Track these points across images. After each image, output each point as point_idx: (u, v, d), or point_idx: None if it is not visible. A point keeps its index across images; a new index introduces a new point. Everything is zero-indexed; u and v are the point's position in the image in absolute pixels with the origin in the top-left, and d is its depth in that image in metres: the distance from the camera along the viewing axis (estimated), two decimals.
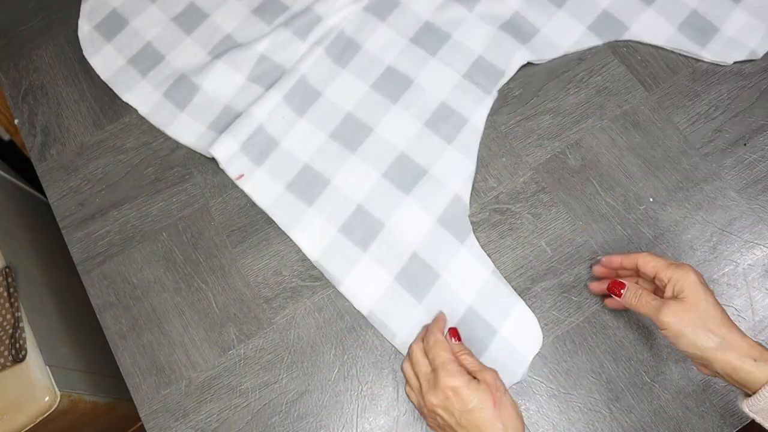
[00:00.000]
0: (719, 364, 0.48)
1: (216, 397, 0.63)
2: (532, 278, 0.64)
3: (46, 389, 0.73)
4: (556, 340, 0.62)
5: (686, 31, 0.73)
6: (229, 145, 0.70)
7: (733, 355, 0.48)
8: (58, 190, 0.73)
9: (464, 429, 0.49)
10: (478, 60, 0.73)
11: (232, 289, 0.67)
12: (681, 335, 0.49)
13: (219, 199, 0.71)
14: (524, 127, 0.71)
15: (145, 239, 0.70)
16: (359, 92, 0.73)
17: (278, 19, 0.78)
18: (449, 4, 0.76)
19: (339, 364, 0.63)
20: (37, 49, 0.81)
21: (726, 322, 0.49)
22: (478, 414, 0.48)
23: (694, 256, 0.64)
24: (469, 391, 0.49)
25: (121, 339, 0.66)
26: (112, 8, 0.81)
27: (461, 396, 0.49)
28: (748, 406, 0.48)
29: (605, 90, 0.72)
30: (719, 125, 0.69)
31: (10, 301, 0.76)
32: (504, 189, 0.68)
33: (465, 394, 0.49)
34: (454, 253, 0.65)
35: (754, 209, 0.65)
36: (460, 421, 0.49)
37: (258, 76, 0.75)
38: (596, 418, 0.59)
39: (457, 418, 0.49)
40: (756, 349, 0.48)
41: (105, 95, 0.78)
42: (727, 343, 0.48)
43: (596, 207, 0.66)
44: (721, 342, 0.48)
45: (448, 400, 0.50)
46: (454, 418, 0.50)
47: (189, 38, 0.79)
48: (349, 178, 0.69)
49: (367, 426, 0.61)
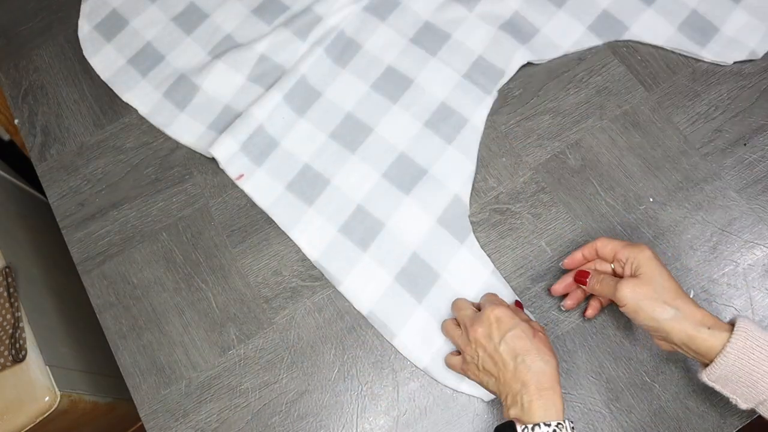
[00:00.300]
0: (676, 335, 0.49)
1: (216, 397, 0.63)
2: (532, 278, 0.64)
3: (46, 389, 0.73)
4: (556, 340, 0.62)
5: (686, 31, 0.73)
6: (229, 145, 0.70)
7: (689, 325, 0.49)
8: (58, 190, 0.73)
9: (499, 355, 0.52)
10: (478, 60, 0.73)
11: (232, 289, 0.67)
12: (639, 309, 0.51)
13: (219, 199, 0.71)
14: (524, 127, 0.71)
15: (145, 239, 0.70)
16: (359, 92, 0.73)
17: (278, 19, 0.78)
18: (449, 4, 0.76)
19: (339, 364, 0.63)
20: (37, 49, 0.81)
21: (681, 294, 0.51)
22: (516, 339, 0.52)
23: (694, 256, 0.64)
24: (511, 321, 0.54)
25: (121, 339, 0.66)
26: (112, 8, 0.81)
27: (504, 322, 0.54)
28: (707, 375, 0.49)
29: (605, 90, 0.72)
30: (719, 125, 0.69)
31: (10, 301, 0.76)
32: (504, 189, 0.68)
33: (507, 321, 0.54)
34: (454, 253, 0.65)
35: (754, 209, 0.65)
36: (499, 346, 0.53)
37: (258, 76, 0.75)
38: (596, 418, 0.59)
39: (495, 342, 0.53)
40: (710, 318, 0.49)
41: (105, 95, 0.78)
42: (681, 314, 0.49)
43: (596, 207, 0.66)
44: (676, 313, 0.50)
45: (491, 327, 0.54)
46: (493, 343, 0.53)
47: (189, 38, 0.79)
48: (349, 178, 0.69)
49: (367, 426, 0.61)
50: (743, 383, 0.47)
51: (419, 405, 0.61)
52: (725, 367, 0.48)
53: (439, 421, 0.60)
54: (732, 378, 0.48)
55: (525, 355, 0.51)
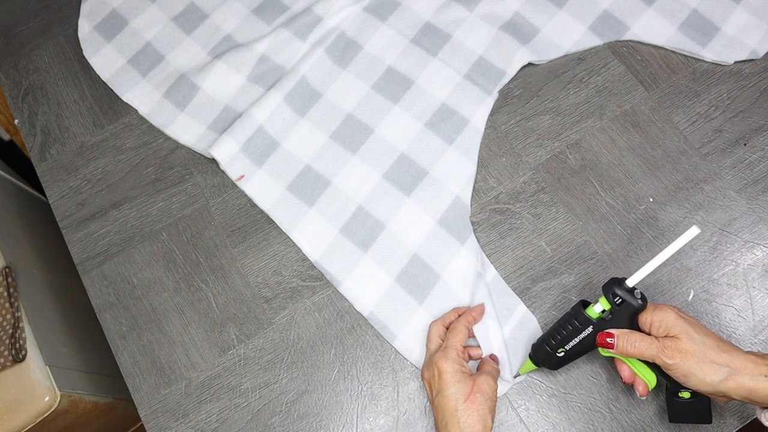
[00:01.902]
0: (734, 392, 0.47)
1: (216, 397, 0.63)
2: (532, 278, 0.64)
3: (46, 389, 0.73)
4: None
5: (687, 31, 0.73)
6: (229, 145, 0.70)
7: (745, 379, 0.47)
8: (58, 190, 0.73)
9: (434, 407, 0.54)
10: (479, 60, 0.73)
11: (232, 289, 0.67)
12: (689, 374, 0.48)
13: (219, 199, 0.71)
14: (524, 127, 0.71)
15: (145, 239, 0.70)
16: (360, 93, 0.73)
17: (278, 19, 0.78)
18: (450, 5, 0.76)
19: (339, 364, 0.63)
20: (37, 49, 0.81)
21: (723, 346, 0.48)
22: (446, 401, 0.53)
23: (694, 256, 0.64)
24: (451, 378, 0.54)
25: (121, 339, 0.66)
26: (112, 8, 0.81)
27: (443, 379, 0.54)
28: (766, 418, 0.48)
29: (605, 90, 0.71)
30: (719, 125, 0.69)
31: (10, 301, 0.76)
32: (504, 189, 0.68)
33: (446, 379, 0.54)
34: (455, 254, 0.65)
35: (754, 209, 0.65)
36: (434, 399, 0.54)
37: (258, 77, 0.75)
38: (596, 418, 0.59)
39: (433, 395, 0.55)
40: (762, 364, 0.47)
41: (105, 95, 0.78)
42: (733, 370, 0.47)
43: (596, 207, 0.66)
44: (728, 371, 0.47)
45: (433, 377, 0.55)
46: (433, 391, 0.55)
47: (189, 38, 0.79)
48: (349, 179, 0.69)
49: (367, 426, 0.61)
50: None
51: (419, 405, 0.61)
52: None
53: None
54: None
55: (449, 418, 0.52)
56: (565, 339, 0.54)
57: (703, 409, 0.52)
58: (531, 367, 0.58)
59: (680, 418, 0.54)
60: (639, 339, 0.51)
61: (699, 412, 0.53)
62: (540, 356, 0.56)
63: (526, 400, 0.60)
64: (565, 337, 0.54)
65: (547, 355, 0.56)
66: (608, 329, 0.52)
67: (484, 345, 0.60)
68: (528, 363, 0.58)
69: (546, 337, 0.56)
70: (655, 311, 0.51)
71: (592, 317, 0.53)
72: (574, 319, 0.54)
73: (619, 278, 0.52)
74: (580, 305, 0.54)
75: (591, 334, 0.53)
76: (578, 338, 0.54)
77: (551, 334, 0.55)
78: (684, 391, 0.52)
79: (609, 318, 0.52)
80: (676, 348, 0.49)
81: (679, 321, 0.50)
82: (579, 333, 0.54)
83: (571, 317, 0.54)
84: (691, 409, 0.53)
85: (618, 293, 0.51)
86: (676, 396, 0.53)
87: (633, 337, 0.51)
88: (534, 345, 0.57)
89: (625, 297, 0.51)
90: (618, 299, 0.52)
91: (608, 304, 0.52)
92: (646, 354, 0.50)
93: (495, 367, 0.57)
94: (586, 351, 0.55)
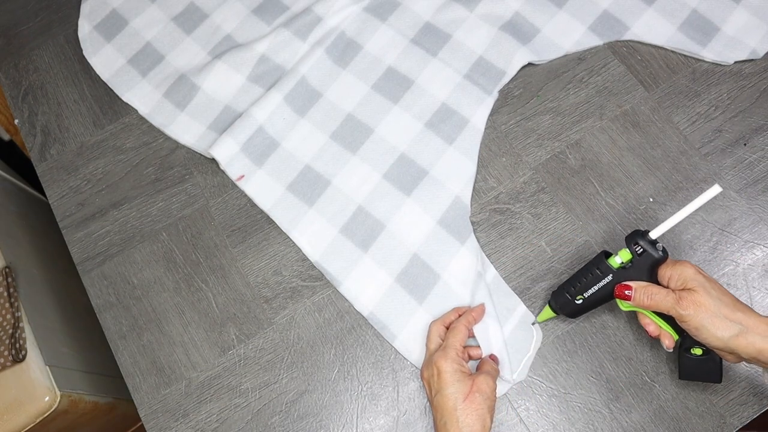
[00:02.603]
0: (743, 350, 0.48)
1: (216, 397, 0.63)
2: (532, 278, 0.64)
3: (46, 389, 0.73)
4: (556, 340, 0.62)
5: (687, 31, 0.73)
6: (229, 145, 0.70)
7: (757, 339, 0.47)
8: (58, 190, 0.73)
9: (433, 407, 0.55)
10: (479, 60, 0.73)
11: (232, 289, 0.67)
12: (701, 327, 0.49)
13: (219, 199, 0.71)
14: (524, 127, 0.71)
15: (145, 239, 0.70)
16: (360, 93, 0.73)
17: (278, 19, 0.78)
18: (450, 5, 0.76)
19: (339, 364, 0.63)
20: (37, 49, 0.81)
21: (739, 305, 0.49)
22: (445, 400, 0.53)
23: (694, 256, 0.64)
24: (450, 378, 0.54)
25: (121, 339, 0.66)
26: (112, 8, 0.81)
27: (442, 378, 0.54)
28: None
29: (605, 90, 0.72)
30: (719, 125, 0.69)
31: (10, 301, 0.76)
32: (504, 189, 0.68)
33: (446, 378, 0.54)
34: (455, 254, 0.65)
35: (754, 209, 0.65)
36: (433, 398, 0.55)
37: (258, 77, 0.75)
38: (596, 418, 0.59)
39: (434, 391, 0.55)
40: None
41: (105, 95, 0.78)
42: (745, 328, 0.47)
43: (596, 207, 0.66)
44: (740, 328, 0.48)
45: (433, 377, 0.55)
46: (433, 391, 0.55)
47: (189, 38, 0.79)
48: (350, 179, 0.69)
49: (367, 426, 0.61)
50: None
51: (419, 405, 0.61)
52: None
53: None
54: None
55: (448, 418, 0.52)
56: (585, 286, 0.56)
57: (713, 367, 0.53)
58: (549, 315, 0.60)
59: (690, 375, 0.55)
60: (656, 291, 0.51)
61: (709, 369, 0.54)
62: (559, 303, 0.58)
63: (526, 400, 0.60)
64: (584, 284, 0.56)
65: (566, 302, 0.57)
66: (627, 280, 0.54)
67: (484, 345, 0.60)
68: (546, 310, 0.60)
69: (566, 285, 0.58)
70: (675, 265, 0.52)
71: (613, 266, 0.54)
72: (596, 267, 0.55)
73: (642, 230, 0.54)
74: (602, 255, 0.55)
75: (610, 284, 0.55)
76: (597, 286, 0.55)
77: (571, 281, 0.57)
78: (696, 347, 0.53)
79: (629, 268, 0.54)
80: (692, 300, 0.49)
81: (698, 276, 0.50)
82: (599, 281, 0.55)
83: (593, 266, 0.56)
84: (701, 366, 0.54)
85: (640, 243, 0.53)
86: (688, 352, 0.54)
87: (650, 289, 0.52)
88: (554, 292, 0.59)
89: (647, 247, 0.52)
90: (639, 249, 0.53)
91: (629, 255, 0.53)
92: (662, 305, 0.51)
93: (494, 367, 0.57)
94: (603, 301, 0.56)
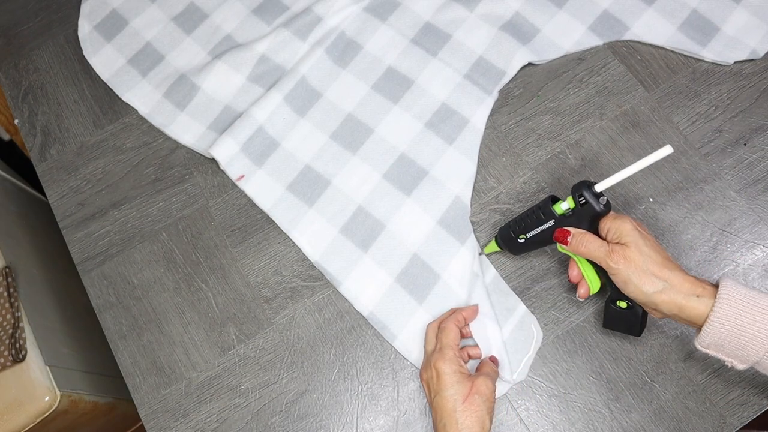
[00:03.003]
0: (665, 306, 0.50)
1: (216, 397, 0.63)
2: (532, 278, 0.64)
3: (46, 389, 0.73)
4: (556, 340, 0.62)
5: (687, 31, 0.73)
6: (229, 145, 0.70)
7: (678, 296, 0.49)
8: (58, 190, 0.73)
9: (433, 408, 0.55)
10: (479, 60, 0.73)
11: (232, 289, 0.67)
12: (628, 281, 0.51)
13: (219, 199, 0.71)
14: (524, 127, 0.71)
15: (145, 239, 0.70)
16: (360, 93, 0.73)
17: (278, 19, 0.78)
18: (450, 5, 0.76)
19: (339, 364, 0.63)
20: (37, 49, 0.81)
21: (667, 264, 0.50)
22: (445, 402, 0.53)
23: (694, 256, 0.64)
24: (450, 380, 0.54)
25: (121, 339, 0.66)
26: (112, 8, 0.81)
27: (442, 380, 0.54)
28: (699, 343, 0.49)
29: (605, 90, 0.72)
30: (719, 125, 0.69)
31: (10, 301, 0.76)
32: (504, 189, 0.68)
33: (445, 380, 0.54)
34: (455, 254, 0.65)
35: (754, 209, 0.65)
36: (433, 400, 0.55)
37: (258, 77, 0.75)
38: (596, 418, 0.59)
39: (434, 393, 0.55)
40: (698, 285, 0.49)
41: (105, 95, 0.78)
42: (669, 285, 0.49)
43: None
44: (665, 285, 0.49)
45: (432, 378, 0.56)
46: (432, 392, 0.55)
47: (189, 38, 0.79)
48: (350, 179, 0.69)
49: (367, 426, 0.61)
50: (734, 347, 0.48)
51: (419, 405, 0.61)
52: (714, 334, 0.48)
53: None
54: (723, 343, 0.48)
55: (447, 419, 0.52)
56: (528, 227, 0.58)
57: (634, 320, 0.55)
58: (494, 248, 0.63)
59: (612, 325, 0.57)
60: (591, 240, 0.53)
61: (631, 322, 0.56)
62: (504, 239, 0.61)
63: (526, 400, 0.60)
64: (528, 225, 0.58)
65: (510, 239, 0.60)
66: (567, 227, 0.55)
67: (483, 345, 0.60)
68: (492, 244, 0.62)
69: (511, 223, 0.60)
70: (615, 219, 0.53)
71: (557, 212, 0.56)
72: (540, 210, 0.57)
73: (590, 182, 0.54)
74: (549, 200, 0.57)
75: (551, 228, 0.57)
76: (539, 229, 0.57)
77: (517, 221, 0.59)
78: (621, 300, 0.55)
79: (570, 215, 0.55)
80: (623, 254, 0.51)
81: (634, 232, 0.52)
82: (541, 224, 0.57)
83: (538, 209, 0.57)
84: (623, 317, 0.56)
85: (584, 194, 0.53)
86: (614, 303, 0.56)
87: (586, 237, 0.54)
88: (500, 228, 0.61)
89: (589, 199, 0.53)
90: (582, 200, 0.54)
91: (573, 203, 0.54)
92: (593, 254, 0.53)
93: (494, 368, 0.58)
94: (545, 243, 0.58)
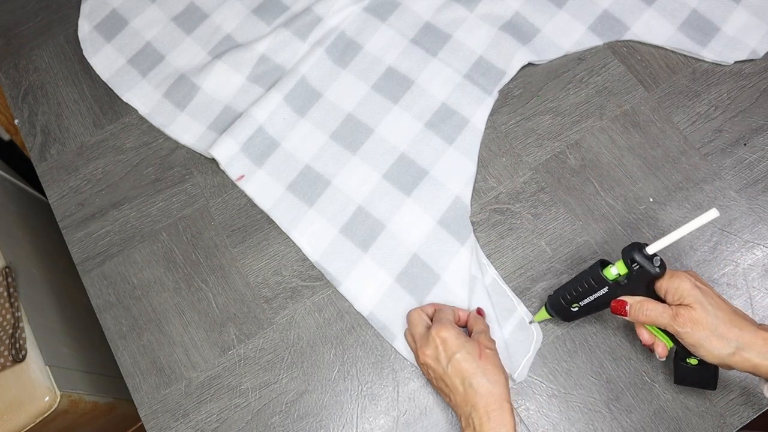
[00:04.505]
0: (741, 367, 0.48)
1: (216, 397, 0.63)
2: (532, 278, 0.64)
3: (46, 389, 0.73)
4: (556, 340, 0.62)
5: (687, 31, 0.73)
6: (229, 145, 0.70)
7: (752, 354, 0.47)
8: (58, 190, 0.73)
9: (449, 377, 0.53)
10: (479, 60, 0.73)
11: (232, 289, 0.67)
12: (698, 345, 0.49)
13: (219, 199, 0.71)
14: (524, 127, 0.71)
15: (145, 239, 0.70)
16: (360, 93, 0.73)
17: (278, 19, 0.78)
18: (450, 5, 0.76)
19: (339, 364, 0.63)
20: (37, 49, 0.81)
21: (735, 320, 0.48)
22: (462, 362, 0.53)
23: (694, 256, 0.64)
24: (457, 342, 0.54)
25: (121, 339, 0.66)
26: (112, 8, 0.81)
27: (449, 345, 0.54)
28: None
29: (605, 90, 0.72)
30: (719, 125, 0.69)
31: (10, 301, 0.76)
32: (504, 189, 0.68)
33: (453, 343, 0.54)
34: (455, 254, 0.65)
35: (754, 209, 0.65)
36: (447, 369, 0.54)
37: (258, 77, 0.75)
38: (596, 418, 0.59)
39: (444, 366, 0.54)
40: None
41: (105, 95, 0.78)
42: (742, 345, 0.47)
43: (596, 207, 0.66)
44: (737, 345, 0.47)
45: (437, 349, 0.55)
46: (441, 366, 0.54)
47: (189, 38, 0.79)
48: (350, 179, 0.69)
49: (367, 426, 0.61)
50: None
51: (419, 405, 0.61)
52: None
53: (439, 422, 0.60)
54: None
55: (471, 378, 0.52)
56: (580, 296, 0.55)
57: (708, 375, 0.53)
58: (545, 316, 0.60)
59: (685, 381, 0.55)
60: (652, 308, 0.51)
61: (704, 378, 0.54)
62: (555, 308, 0.58)
63: (526, 400, 0.60)
64: (580, 293, 0.55)
65: (562, 307, 0.57)
66: (622, 296, 0.53)
67: None
68: (542, 311, 0.60)
69: (561, 290, 0.57)
70: (671, 279, 0.51)
71: (608, 278, 0.53)
72: (590, 277, 0.54)
73: (640, 243, 0.52)
74: (598, 265, 0.54)
75: (605, 295, 0.54)
76: (592, 297, 0.55)
77: (567, 287, 0.56)
78: (692, 357, 0.53)
79: (625, 283, 0.53)
80: (689, 317, 0.49)
81: (695, 290, 0.50)
82: (594, 292, 0.54)
83: (588, 275, 0.54)
84: (696, 374, 0.54)
85: (636, 259, 0.51)
86: (684, 361, 0.54)
87: (645, 305, 0.51)
88: (550, 296, 0.59)
89: (643, 263, 0.51)
90: (636, 265, 0.51)
91: (625, 268, 0.52)
92: (657, 321, 0.51)
93: (485, 322, 0.59)
94: (599, 309, 0.56)
